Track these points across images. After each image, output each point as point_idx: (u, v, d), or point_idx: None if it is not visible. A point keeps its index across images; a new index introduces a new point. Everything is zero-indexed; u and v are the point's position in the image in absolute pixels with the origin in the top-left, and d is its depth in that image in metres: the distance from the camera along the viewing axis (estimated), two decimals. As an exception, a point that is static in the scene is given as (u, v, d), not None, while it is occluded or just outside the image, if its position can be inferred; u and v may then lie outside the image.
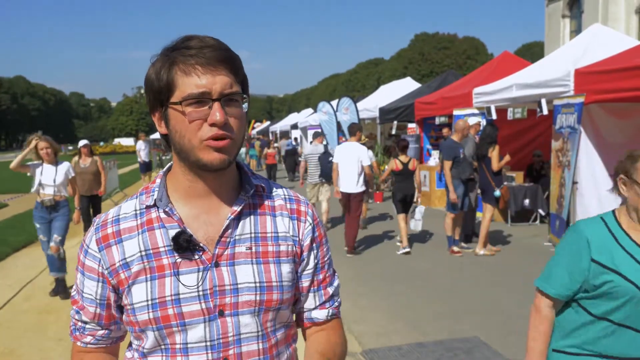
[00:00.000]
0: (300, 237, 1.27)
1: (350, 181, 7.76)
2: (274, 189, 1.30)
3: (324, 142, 10.76)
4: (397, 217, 8.03)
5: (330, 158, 9.26)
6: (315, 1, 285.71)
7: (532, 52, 58.33)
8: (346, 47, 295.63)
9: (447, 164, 7.55)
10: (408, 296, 5.83)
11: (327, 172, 9.10)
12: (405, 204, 7.87)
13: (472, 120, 8.19)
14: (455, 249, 7.66)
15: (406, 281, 6.41)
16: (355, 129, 8.22)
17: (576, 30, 27.23)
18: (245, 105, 1.16)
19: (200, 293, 1.14)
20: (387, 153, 16.10)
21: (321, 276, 1.31)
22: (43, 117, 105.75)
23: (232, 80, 1.12)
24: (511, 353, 4.21)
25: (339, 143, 14.72)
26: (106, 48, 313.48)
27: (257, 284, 1.18)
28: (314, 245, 1.29)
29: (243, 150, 16.76)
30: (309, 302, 1.31)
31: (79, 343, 1.25)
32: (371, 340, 4.59)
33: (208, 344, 1.15)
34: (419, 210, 8.06)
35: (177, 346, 1.15)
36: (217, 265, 1.16)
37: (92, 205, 9.13)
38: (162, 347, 1.16)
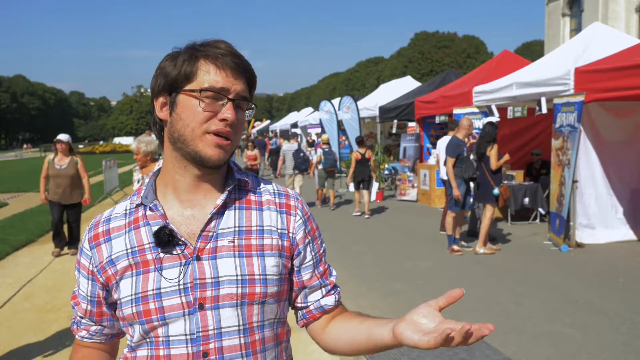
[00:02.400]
0: (291, 231, 1.27)
1: (444, 169, 8.95)
2: (262, 185, 1.31)
3: (298, 141, 13.09)
4: (354, 192, 11.38)
5: (302, 154, 11.93)
6: (316, 0, 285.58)
7: (532, 50, 58.38)
8: (346, 46, 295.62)
9: (450, 161, 7.56)
10: (408, 295, 5.83)
11: (298, 164, 11.86)
12: (362, 183, 10.99)
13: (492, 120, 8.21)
14: (456, 247, 7.66)
15: (406, 280, 6.42)
16: (455, 125, 9.32)
17: (576, 29, 27.22)
18: (248, 113, 1.23)
19: (181, 287, 1.15)
20: (388, 152, 16.09)
21: (321, 268, 1.33)
22: (43, 116, 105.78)
23: (246, 89, 1.20)
24: (510, 351, 4.21)
25: (339, 141, 14.80)
26: (106, 47, 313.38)
27: (239, 277, 1.17)
28: (309, 238, 1.30)
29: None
30: (315, 294, 1.32)
31: (76, 336, 1.31)
32: (371, 339, 4.58)
33: (188, 337, 1.16)
34: (374, 185, 12.36)
35: (160, 339, 1.17)
36: (198, 258, 1.17)
37: (68, 215, 7.92)
38: (147, 340, 1.19)
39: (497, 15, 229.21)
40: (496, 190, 7.39)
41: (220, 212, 1.21)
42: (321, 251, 1.35)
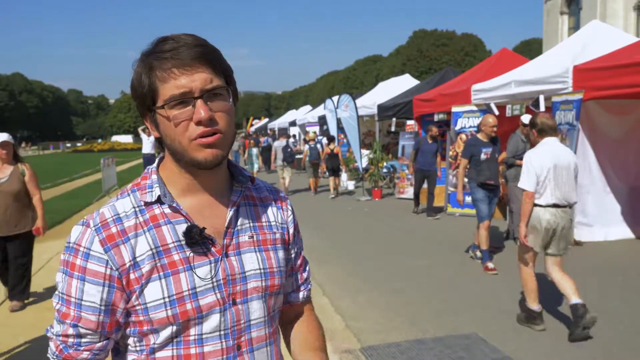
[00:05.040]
0: (287, 225, 1.36)
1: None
2: (258, 182, 1.37)
3: (289, 139, 15.71)
4: (328, 178, 14.39)
5: (289, 149, 14.56)
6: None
7: (531, 49, 58.38)
8: (344, 44, 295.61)
9: (463, 162, 6.99)
10: (407, 293, 5.83)
11: (286, 157, 14.41)
12: (333, 172, 14.04)
13: (526, 119, 7.49)
14: (490, 265, 6.49)
15: (405, 278, 6.42)
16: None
17: (574, 27, 27.25)
18: (230, 101, 1.17)
19: (215, 284, 1.17)
20: (386, 150, 16.08)
21: (298, 262, 1.41)
22: (41, 115, 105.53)
23: (212, 75, 1.12)
24: (510, 350, 4.22)
25: (338, 139, 14.94)
26: (104, 45, 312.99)
27: (262, 270, 1.24)
28: (296, 233, 1.40)
29: (255, 150, 16.60)
30: (287, 286, 1.39)
31: None
32: (370, 337, 4.59)
33: (222, 332, 1.18)
34: (344, 175, 15.84)
35: (192, 338, 1.16)
36: (226, 255, 1.21)
37: (10, 252, 5.35)
38: (175, 340, 1.16)
39: (496, 13, 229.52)
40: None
41: (235, 209, 1.25)
42: (301, 243, 1.44)
